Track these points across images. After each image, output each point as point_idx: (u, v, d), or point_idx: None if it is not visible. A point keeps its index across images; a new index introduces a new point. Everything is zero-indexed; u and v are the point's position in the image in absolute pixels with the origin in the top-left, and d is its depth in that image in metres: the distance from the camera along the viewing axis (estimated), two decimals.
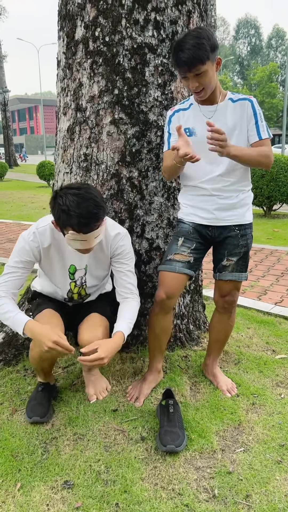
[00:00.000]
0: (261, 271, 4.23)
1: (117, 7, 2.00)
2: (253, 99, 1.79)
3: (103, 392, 2.06)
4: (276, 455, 1.72)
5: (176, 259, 1.91)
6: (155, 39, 2.05)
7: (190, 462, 1.68)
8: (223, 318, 2.10)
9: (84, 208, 1.57)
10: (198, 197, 1.88)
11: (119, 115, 2.10)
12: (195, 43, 1.59)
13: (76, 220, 1.57)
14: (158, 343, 2.06)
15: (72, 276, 1.89)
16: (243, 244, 1.93)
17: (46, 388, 1.98)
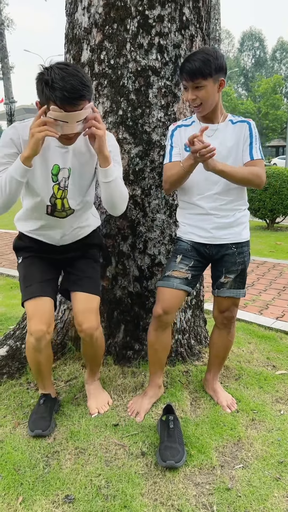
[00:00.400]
0: (263, 285, 4.26)
1: (122, 32, 2.07)
2: (251, 122, 1.86)
3: (104, 406, 2.09)
4: (274, 472, 1.74)
5: (174, 276, 1.95)
6: (159, 62, 2.12)
7: (190, 478, 1.70)
8: (222, 334, 2.13)
9: (69, 83, 1.49)
10: (196, 216, 1.93)
11: (123, 135, 2.16)
12: (202, 57, 1.69)
13: (59, 93, 1.49)
14: (158, 358, 2.09)
15: (55, 178, 1.78)
16: (240, 262, 1.97)
17: (48, 400, 2.01)
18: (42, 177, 1.76)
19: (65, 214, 1.87)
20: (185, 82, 1.74)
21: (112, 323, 2.39)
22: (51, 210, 1.84)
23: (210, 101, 1.76)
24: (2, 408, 2.10)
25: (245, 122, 1.85)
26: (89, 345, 1.99)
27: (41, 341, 1.83)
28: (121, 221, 2.25)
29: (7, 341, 2.44)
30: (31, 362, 1.95)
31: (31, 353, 1.90)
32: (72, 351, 2.48)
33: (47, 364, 1.97)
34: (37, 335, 1.81)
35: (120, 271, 2.32)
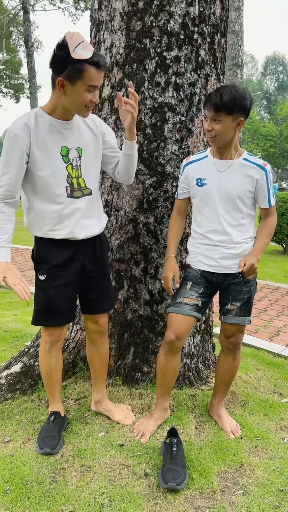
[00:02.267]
0: (275, 311, 4.28)
1: (141, 71, 2.21)
2: (268, 168, 1.94)
3: (131, 414, 2.28)
4: (274, 499, 1.77)
5: (185, 302, 2.03)
6: (175, 99, 2.24)
7: (190, 501, 1.75)
8: (228, 359, 2.19)
9: (95, 52, 1.66)
10: (204, 246, 2.04)
11: (139, 167, 2.28)
12: (231, 93, 1.77)
13: (95, 56, 1.63)
14: (166, 382, 2.16)
15: (66, 158, 1.85)
16: (246, 291, 2.05)
17: (57, 418, 2.09)
18: (53, 163, 1.82)
19: (81, 194, 1.91)
20: (207, 112, 1.83)
21: (122, 345, 2.47)
22: (70, 191, 1.88)
23: (225, 137, 1.86)
24: (13, 423, 2.19)
25: (261, 168, 1.93)
26: (100, 344, 2.16)
27: (55, 344, 2.03)
28: (134, 247, 2.36)
29: (22, 358, 2.54)
30: (43, 367, 2.08)
31: (45, 356, 2.05)
32: (83, 370, 2.56)
33: (58, 373, 2.10)
34: (52, 339, 2.01)
35: (131, 295, 2.42)
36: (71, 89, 1.68)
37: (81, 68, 1.63)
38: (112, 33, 2.26)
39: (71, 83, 1.67)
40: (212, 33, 2.28)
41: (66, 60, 1.62)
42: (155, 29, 2.18)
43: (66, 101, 1.73)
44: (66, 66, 1.63)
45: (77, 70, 1.63)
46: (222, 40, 2.38)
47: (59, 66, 1.65)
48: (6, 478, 1.82)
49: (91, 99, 1.72)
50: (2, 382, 2.43)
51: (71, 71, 1.64)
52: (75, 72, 1.64)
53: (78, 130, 1.87)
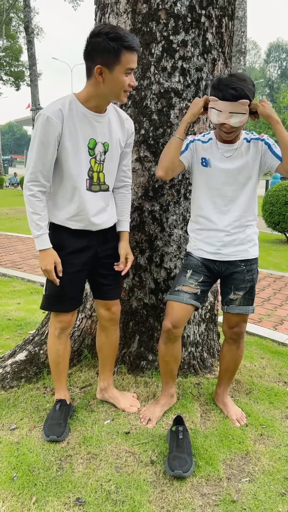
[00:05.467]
0: (279, 300, 4.27)
1: (147, 55, 2.17)
2: (265, 137, 1.95)
3: (136, 402, 2.28)
4: (280, 487, 1.78)
5: (184, 290, 2.02)
6: (181, 85, 2.20)
7: (197, 488, 1.76)
8: (232, 348, 2.18)
9: (128, 33, 1.70)
10: (206, 232, 2.01)
11: (144, 153, 2.25)
12: (240, 82, 1.74)
13: (130, 37, 1.67)
14: (169, 369, 2.16)
15: (92, 152, 1.86)
16: (249, 279, 2.04)
17: (63, 406, 2.10)
18: (79, 153, 1.83)
19: (99, 188, 1.93)
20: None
21: (127, 333, 2.47)
22: (89, 184, 1.89)
23: (242, 128, 1.84)
24: (19, 411, 2.19)
25: (259, 140, 1.94)
26: (111, 332, 2.16)
27: (65, 329, 2.05)
28: (139, 235, 2.34)
29: (26, 346, 2.54)
30: (51, 353, 2.09)
31: (52, 341, 2.06)
32: (88, 358, 2.56)
33: (65, 356, 2.11)
34: (62, 325, 2.02)
35: (136, 283, 2.40)
36: (110, 75, 1.70)
37: (119, 53, 1.65)
38: (118, 16, 2.21)
39: (109, 69, 1.69)
40: (219, 16, 2.23)
41: (102, 47, 1.65)
42: (162, 12, 2.13)
43: (105, 88, 1.73)
44: (103, 53, 1.66)
45: (114, 56, 1.66)
46: (230, 24, 2.34)
47: (94, 54, 1.67)
48: (13, 465, 1.82)
49: (129, 82, 1.74)
50: (7, 370, 2.43)
51: (109, 57, 1.66)
52: (112, 57, 1.66)
53: (109, 125, 1.87)
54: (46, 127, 1.73)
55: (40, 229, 1.85)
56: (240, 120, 1.78)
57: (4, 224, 9.35)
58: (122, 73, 1.70)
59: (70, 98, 1.78)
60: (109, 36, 1.64)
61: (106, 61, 1.67)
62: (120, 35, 1.64)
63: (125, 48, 1.66)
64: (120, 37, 1.64)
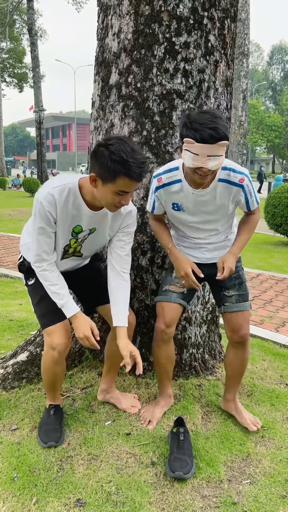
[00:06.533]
0: (281, 302, 4.27)
1: (149, 57, 2.17)
2: (245, 182, 1.85)
3: (137, 403, 2.26)
4: (281, 489, 1.77)
5: (171, 290, 2.06)
6: (183, 86, 2.21)
7: (197, 490, 1.75)
8: (238, 353, 2.11)
9: (139, 156, 1.59)
10: (187, 243, 2.09)
11: (147, 155, 2.25)
12: (216, 121, 1.60)
13: (133, 167, 1.58)
14: (165, 371, 2.17)
15: (75, 234, 1.89)
16: (236, 277, 2.07)
17: (57, 411, 2.07)
18: (63, 232, 1.85)
19: (71, 256, 1.98)
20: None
21: None
22: (62, 255, 1.95)
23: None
24: (20, 411, 2.19)
25: (237, 186, 1.84)
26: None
27: (62, 354, 1.91)
28: (141, 236, 2.34)
29: (28, 347, 2.54)
30: (48, 375, 1.99)
31: (51, 366, 1.94)
32: (89, 359, 2.56)
33: (61, 376, 2.03)
34: (60, 348, 1.88)
35: (138, 284, 2.40)
36: (102, 187, 1.67)
37: (116, 176, 1.60)
38: (120, 17, 2.22)
39: (103, 182, 1.65)
40: (222, 18, 2.24)
41: (102, 161, 1.60)
42: (164, 14, 2.14)
43: (97, 193, 1.71)
44: (101, 167, 1.61)
45: (111, 175, 1.61)
46: (232, 26, 2.34)
47: (95, 162, 1.63)
48: (13, 465, 1.82)
49: (121, 201, 1.69)
50: (8, 371, 2.43)
51: (105, 174, 1.61)
52: (108, 176, 1.61)
53: (102, 218, 1.86)
54: (41, 212, 1.73)
55: (63, 297, 1.85)
56: (218, 162, 1.66)
57: (6, 225, 9.37)
58: (114, 191, 1.65)
59: (73, 188, 1.75)
60: (112, 157, 1.57)
61: (102, 175, 1.63)
62: (123, 160, 1.57)
63: (124, 174, 1.59)
64: (123, 162, 1.57)
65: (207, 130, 1.58)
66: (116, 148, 1.57)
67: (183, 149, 1.68)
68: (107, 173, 1.60)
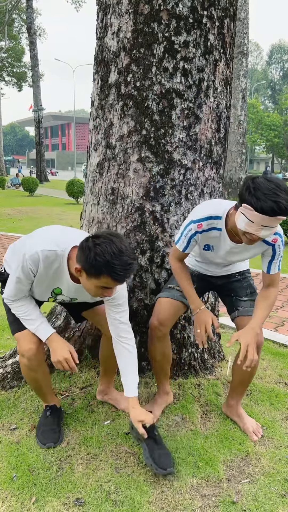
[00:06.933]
0: (280, 301, 4.27)
1: (148, 56, 2.17)
2: (277, 242, 1.82)
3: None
4: (280, 488, 1.77)
5: (176, 288, 2.07)
6: (183, 85, 2.20)
7: (196, 489, 1.75)
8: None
9: (125, 258, 1.57)
10: (201, 265, 2.14)
11: (146, 154, 2.25)
12: (280, 193, 1.53)
13: (118, 270, 1.56)
14: (161, 368, 2.17)
15: (55, 295, 1.90)
16: (247, 285, 2.10)
17: (54, 411, 2.06)
18: (44, 288, 1.85)
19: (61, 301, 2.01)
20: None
21: None
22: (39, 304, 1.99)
23: None
24: (19, 411, 2.19)
25: (269, 245, 1.84)
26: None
27: (32, 360, 1.87)
28: (140, 236, 2.34)
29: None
30: (29, 381, 1.97)
31: (27, 372, 1.93)
32: (88, 359, 2.56)
33: (45, 379, 1.99)
34: (29, 354, 1.86)
35: (137, 284, 2.40)
36: (86, 280, 1.66)
37: (100, 274, 1.59)
38: (120, 16, 2.22)
39: (87, 276, 1.63)
40: (221, 17, 2.23)
41: (87, 256, 1.57)
42: (164, 13, 2.13)
43: (81, 281, 1.70)
44: (86, 262, 1.59)
45: (95, 272, 1.59)
46: (232, 25, 2.34)
47: (80, 253, 1.61)
48: (12, 465, 1.82)
49: (103, 293, 1.68)
50: (7, 370, 2.43)
51: (90, 270, 1.60)
52: (93, 272, 1.60)
53: (83, 288, 1.82)
54: (24, 269, 1.73)
55: (35, 322, 1.85)
56: (270, 232, 1.62)
57: (5, 225, 9.36)
58: (98, 286, 1.64)
59: (59, 253, 1.72)
60: (96, 258, 1.55)
61: (87, 269, 1.61)
62: (108, 262, 1.54)
63: (108, 275, 1.57)
64: (108, 264, 1.54)
65: (269, 202, 1.52)
66: (103, 249, 1.55)
67: (239, 210, 1.64)
68: (92, 269, 1.59)
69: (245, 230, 1.63)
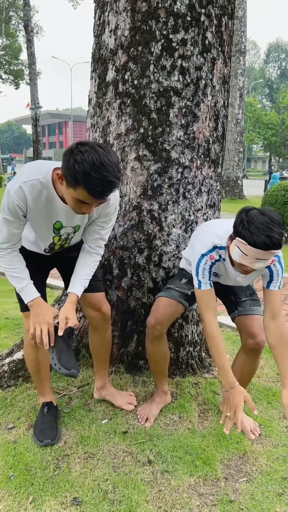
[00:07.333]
0: None
1: (146, 54, 2.16)
2: (272, 263, 1.80)
3: (133, 400, 2.26)
4: (278, 487, 1.77)
5: (175, 289, 2.06)
6: (181, 83, 2.20)
7: (194, 488, 1.75)
8: (249, 361, 2.05)
9: (106, 174, 1.45)
10: None
11: (143, 152, 2.24)
12: (273, 228, 1.53)
13: (95, 183, 1.45)
14: (159, 367, 2.17)
15: (57, 231, 1.82)
16: (247, 287, 2.11)
17: (51, 409, 2.07)
18: (44, 226, 1.79)
19: (60, 249, 1.96)
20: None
21: (125, 333, 2.46)
22: (49, 250, 1.93)
23: None
24: (16, 410, 2.19)
25: (266, 269, 1.83)
26: (103, 331, 2.11)
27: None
28: (138, 234, 2.33)
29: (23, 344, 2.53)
30: (30, 362, 2.00)
31: (30, 351, 1.96)
32: (86, 358, 2.55)
33: (45, 362, 2.01)
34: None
35: (135, 283, 2.40)
36: (65, 188, 1.56)
37: (76, 185, 1.48)
38: (117, 14, 2.21)
39: (66, 184, 1.54)
40: (219, 15, 2.23)
41: (67, 163, 1.48)
42: (161, 11, 2.13)
43: (63, 191, 1.61)
44: (66, 169, 1.49)
45: (72, 181, 1.49)
46: (230, 23, 2.33)
47: (64, 158, 1.50)
48: (10, 464, 1.82)
49: (81, 209, 1.58)
50: (5, 369, 2.42)
51: (68, 177, 1.50)
52: (70, 181, 1.49)
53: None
54: (11, 207, 1.64)
55: (22, 281, 1.78)
56: (264, 265, 1.63)
57: None
58: (74, 198, 1.54)
59: (42, 180, 1.64)
60: (75, 165, 1.44)
61: (66, 177, 1.51)
62: (86, 173, 1.43)
63: (84, 187, 1.47)
64: (86, 175, 1.43)
65: (262, 237, 1.52)
66: (83, 157, 1.43)
67: (233, 242, 1.65)
68: (69, 177, 1.49)
69: (239, 262, 1.65)
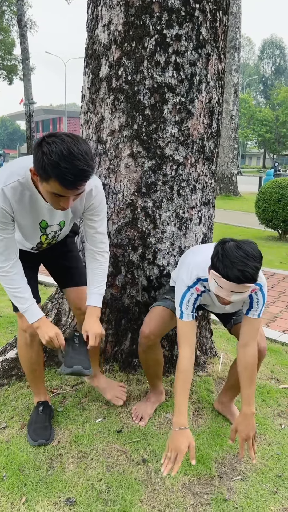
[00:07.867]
0: (271, 297, 4.27)
1: (140, 49, 2.14)
2: (253, 292, 1.77)
3: (123, 394, 2.23)
4: (272, 485, 1.77)
5: (172, 300, 2.01)
6: (175, 79, 2.17)
7: (188, 487, 1.74)
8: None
9: (77, 162, 1.40)
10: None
11: (137, 149, 2.22)
12: (247, 262, 1.51)
13: (66, 174, 1.40)
14: (154, 372, 2.16)
15: (43, 230, 1.80)
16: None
17: (46, 408, 2.05)
18: (31, 226, 1.76)
19: (47, 246, 1.96)
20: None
21: (120, 331, 2.45)
22: (36, 249, 1.93)
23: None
24: (9, 409, 2.17)
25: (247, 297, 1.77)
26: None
27: (34, 336, 1.89)
28: (132, 232, 2.31)
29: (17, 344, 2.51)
30: (25, 361, 2.00)
31: (24, 350, 1.95)
32: None
33: (39, 362, 2.02)
34: (31, 330, 1.87)
35: (129, 281, 2.38)
36: (40, 184, 1.51)
37: (48, 178, 1.43)
38: (111, 8, 2.18)
39: (40, 179, 1.48)
40: (214, 10, 2.20)
41: (36, 157, 1.43)
42: (155, 5, 2.10)
43: (40, 187, 1.56)
44: (37, 162, 1.43)
45: (44, 175, 1.44)
46: (224, 18, 2.31)
47: (34, 154, 1.45)
48: (2, 464, 1.80)
49: (59, 203, 1.53)
50: None
51: (40, 172, 1.45)
52: (42, 175, 1.44)
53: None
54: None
55: (26, 302, 1.75)
56: (242, 297, 1.61)
57: None
58: (50, 192, 1.48)
59: (22, 181, 1.59)
60: (43, 157, 1.39)
61: (38, 171, 1.46)
62: (55, 164, 1.38)
63: (55, 178, 1.41)
64: (55, 166, 1.38)
65: (235, 271, 1.51)
66: (51, 149, 1.38)
67: (210, 274, 1.64)
68: (40, 170, 1.44)
69: (216, 294, 1.64)
